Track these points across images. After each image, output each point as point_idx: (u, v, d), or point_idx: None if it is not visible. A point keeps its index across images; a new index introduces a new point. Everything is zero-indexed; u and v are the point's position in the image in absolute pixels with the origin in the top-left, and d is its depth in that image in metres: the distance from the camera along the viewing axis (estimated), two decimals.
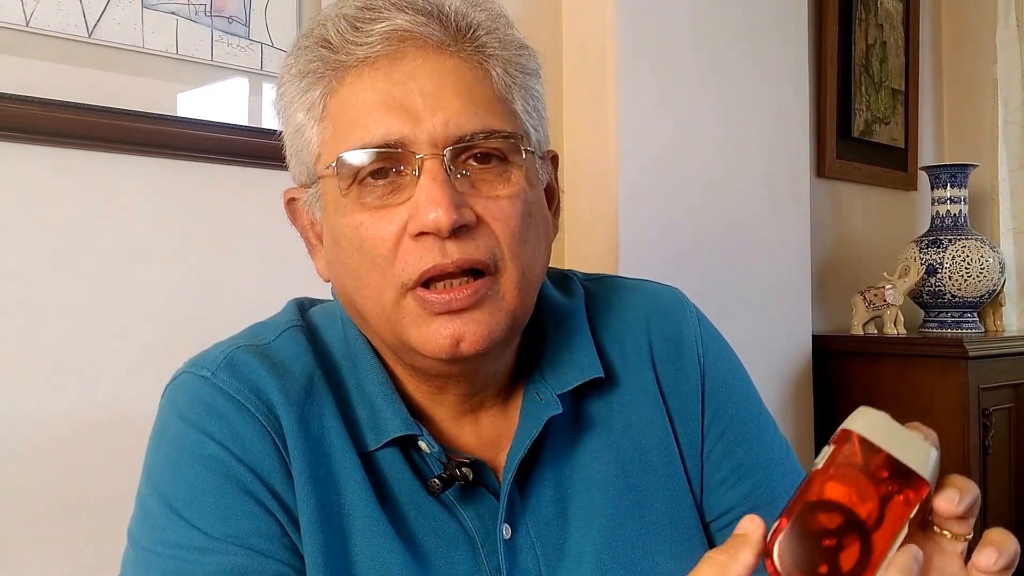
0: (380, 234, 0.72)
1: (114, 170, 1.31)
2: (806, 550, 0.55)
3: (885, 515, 0.55)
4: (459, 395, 0.81)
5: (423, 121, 0.71)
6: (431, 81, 0.72)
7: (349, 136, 0.73)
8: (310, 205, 0.79)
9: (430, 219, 0.69)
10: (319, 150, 0.76)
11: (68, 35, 1.27)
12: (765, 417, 0.93)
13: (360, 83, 0.73)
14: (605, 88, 1.85)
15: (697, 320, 0.91)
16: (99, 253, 1.30)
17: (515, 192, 0.74)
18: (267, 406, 0.75)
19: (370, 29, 0.72)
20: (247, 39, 1.44)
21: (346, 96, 0.73)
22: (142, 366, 1.31)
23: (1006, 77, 2.99)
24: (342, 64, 0.73)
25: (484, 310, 0.73)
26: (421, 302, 0.72)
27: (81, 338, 1.28)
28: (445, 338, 0.72)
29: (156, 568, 0.72)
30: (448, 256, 0.71)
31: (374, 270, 0.73)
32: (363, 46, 0.72)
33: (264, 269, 1.43)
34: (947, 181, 2.60)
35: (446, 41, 0.74)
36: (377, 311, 0.74)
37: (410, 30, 0.72)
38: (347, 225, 0.74)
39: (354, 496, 0.75)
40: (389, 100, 0.72)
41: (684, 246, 1.97)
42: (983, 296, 2.54)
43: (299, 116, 0.76)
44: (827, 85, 2.67)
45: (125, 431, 1.26)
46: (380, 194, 0.72)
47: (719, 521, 0.88)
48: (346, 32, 0.73)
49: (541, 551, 0.79)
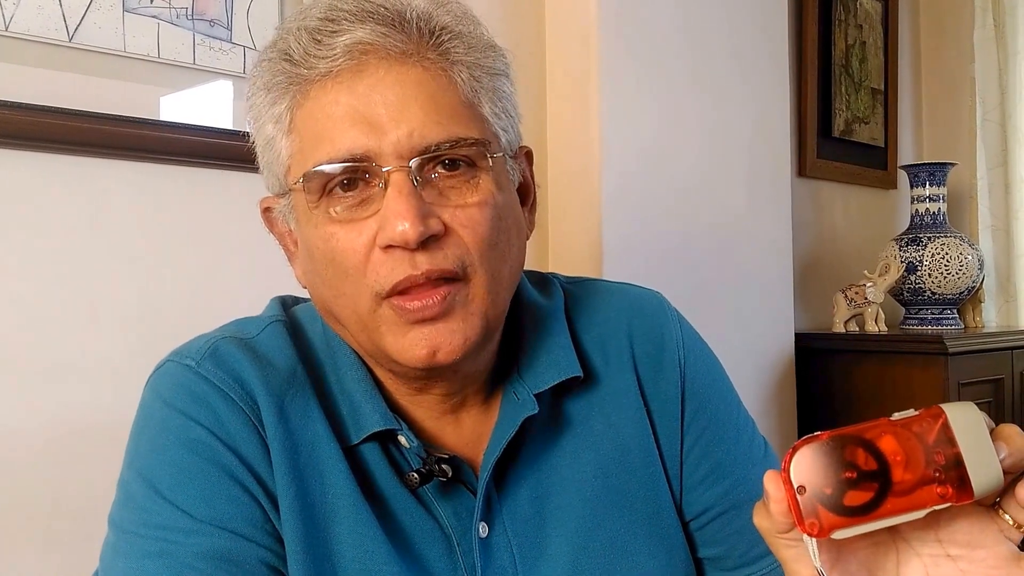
0: (351, 246, 0.73)
1: (97, 175, 1.31)
2: (824, 467, 0.57)
3: (914, 492, 0.57)
4: (440, 395, 0.81)
5: (387, 133, 0.71)
6: (394, 93, 0.72)
7: (315, 151, 0.73)
8: (284, 215, 0.80)
9: (397, 232, 0.70)
10: (288, 162, 0.76)
11: (49, 39, 1.26)
12: (744, 418, 0.93)
13: (324, 97, 0.73)
14: (588, 87, 1.86)
15: (678, 323, 0.92)
16: (82, 259, 1.29)
17: (483, 199, 0.75)
18: (249, 395, 0.76)
19: (332, 42, 0.72)
20: (229, 42, 1.44)
21: (311, 110, 0.74)
22: (125, 371, 1.30)
23: (983, 76, 3.02)
24: (305, 78, 0.74)
25: (456, 317, 0.74)
26: (397, 310, 0.73)
27: (64, 343, 1.28)
28: (422, 348, 0.73)
29: (138, 549, 0.72)
30: (418, 267, 0.71)
31: (347, 280, 0.74)
32: (325, 59, 0.72)
33: (248, 273, 1.43)
34: (926, 180, 2.62)
35: (408, 50, 0.73)
36: (354, 319, 0.75)
37: (372, 42, 0.72)
38: (318, 237, 0.74)
39: (337, 487, 0.76)
40: (353, 114, 0.72)
41: (666, 246, 1.98)
42: (962, 293, 2.57)
43: (268, 128, 0.77)
44: (807, 85, 2.69)
45: (108, 434, 1.25)
46: (349, 206, 0.73)
47: (697, 520, 0.89)
48: (308, 45, 0.73)
49: (518, 550, 0.80)
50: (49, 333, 1.27)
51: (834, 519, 0.57)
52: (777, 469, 0.92)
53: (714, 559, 0.90)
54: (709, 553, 0.89)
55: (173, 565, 0.71)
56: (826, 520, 0.57)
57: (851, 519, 0.57)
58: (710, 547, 0.89)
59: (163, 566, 0.71)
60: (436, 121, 0.72)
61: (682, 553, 0.86)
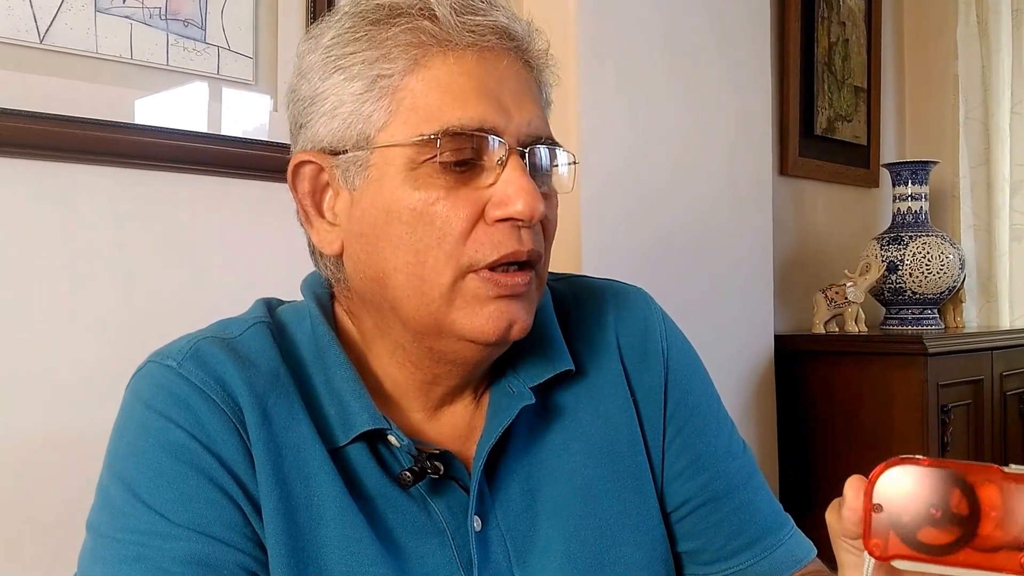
0: (456, 213, 0.74)
1: (70, 180, 1.29)
2: (911, 493, 0.54)
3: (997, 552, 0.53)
4: (449, 387, 0.83)
5: (513, 116, 0.75)
6: (516, 81, 0.77)
7: (441, 112, 0.74)
8: (343, 171, 0.78)
9: (519, 208, 0.74)
10: (387, 119, 0.75)
11: (19, 41, 1.24)
12: (723, 414, 0.96)
13: (459, 66, 0.75)
14: (567, 87, 1.85)
15: (661, 316, 0.94)
16: (55, 265, 1.28)
17: (556, 195, 0.81)
18: (231, 397, 0.75)
19: (477, 19, 0.75)
20: (203, 43, 1.42)
21: (438, 73, 0.75)
22: (98, 379, 1.29)
23: (967, 75, 3.03)
24: (448, 41, 0.75)
25: (528, 298, 0.78)
26: (488, 283, 0.75)
27: (34, 351, 1.26)
28: (501, 321, 0.76)
29: (115, 554, 0.72)
30: (524, 244, 0.75)
31: (439, 247, 0.74)
32: (472, 32, 0.75)
33: (223, 279, 1.42)
34: (908, 178, 2.63)
35: (523, 47, 0.79)
36: (421, 289, 0.76)
37: (508, 28, 0.77)
38: (415, 199, 0.74)
39: (324, 489, 0.76)
40: (485, 88, 0.75)
41: (647, 245, 1.98)
42: (943, 293, 2.57)
43: (358, 83, 0.76)
44: (790, 83, 2.69)
45: (82, 443, 1.24)
46: (459, 175, 0.74)
47: (677, 512, 0.90)
48: (451, 14, 0.75)
49: (511, 543, 0.81)
50: (21, 340, 1.25)
51: (901, 548, 0.54)
52: (753, 466, 0.93)
53: (691, 553, 0.91)
54: (687, 547, 0.91)
55: (150, 570, 0.70)
56: (893, 546, 0.54)
57: (919, 555, 0.54)
58: (688, 540, 0.90)
59: (140, 571, 0.71)
60: (541, 117, 0.79)
61: (663, 546, 0.88)
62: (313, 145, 0.79)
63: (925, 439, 2.17)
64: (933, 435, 2.19)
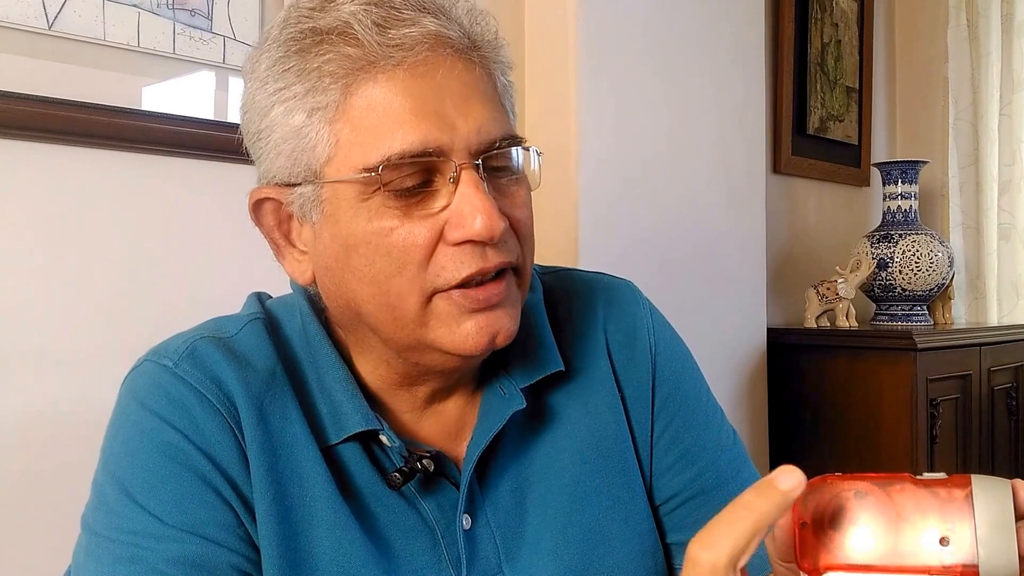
0: (413, 241, 0.71)
1: (77, 164, 1.31)
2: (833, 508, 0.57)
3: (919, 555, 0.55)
4: (434, 388, 0.82)
5: (458, 128, 0.71)
6: (459, 87, 0.72)
7: (380, 141, 0.70)
8: (299, 206, 0.75)
9: (477, 228, 0.70)
10: (331, 152, 0.72)
11: (28, 27, 1.26)
12: (713, 405, 0.95)
13: (391, 87, 0.71)
14: (566, 83, 1.87)
15: (649, 311, 0.94)
16: (61, 249, 1.29)
17: (526, 197, 0.78)
18: (227, 397, 0.75)
19: (402, 32, 0.70)
20: (209, 32, 1.44)
21: (371, 99, 0.71)
22: (102, 362, 1.31)
23: (957, 76, 3.06)
24: (372, 64, 0.70)
25: (508, 303, 0.75)
26: (457, 302, 0.73)
27: (40, 334, 1.27)
28: (482, 336, 0.73)
29: (109, 554, 0.72)
30: (489, 261, 0.72)
31: (400, 275, 0.72)
32: (397, 48, 0.70)
33: (229, 264, 1.44)
34: (899, 177, 2.66)
35: (463, 46, 0.73)
36: (392, 316, 0.74)
37: (439, 34, 0.71)
38: (369, 231, 0.72)
39: (316, 489, 0.76)
40: (424, 106, 0.70)
41: (642, 241, 2.00)
42: (932, 290, 2.60)
43: (298, 117, 0.73)
44: (783, 82, 2.72)
45: (84, 426, 1.25)
46: (410, 200, 0.71)
47: (667, 505, 0.90)
48: (373, 33, 0.70)
49: (500, 540, 0.81)
50: (27, 323, 1.26)
51: (831, 562, 0.56)
52: (744, 456, 0.95)
53: (682, 544, 0.89)
54: (677, 539, 0.90)
55: (144, 571, 0.70)
56: (823, 561, 0.57)
57: (848, 566, 0.56)
58: (678, 532, 0.90)
59: (134, 572, 0.70)
60: (493, 118, 0.73)
61: (652, 539, 0.88)
62: (268, 180, 0.77)
63: (914, 432, 2.20)
64: (922, 429, 2.22)
